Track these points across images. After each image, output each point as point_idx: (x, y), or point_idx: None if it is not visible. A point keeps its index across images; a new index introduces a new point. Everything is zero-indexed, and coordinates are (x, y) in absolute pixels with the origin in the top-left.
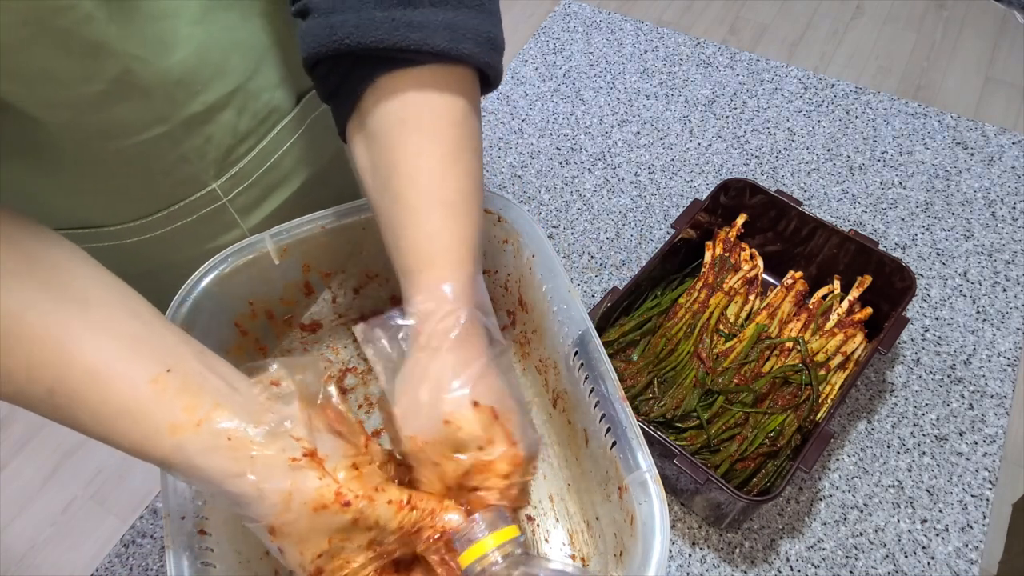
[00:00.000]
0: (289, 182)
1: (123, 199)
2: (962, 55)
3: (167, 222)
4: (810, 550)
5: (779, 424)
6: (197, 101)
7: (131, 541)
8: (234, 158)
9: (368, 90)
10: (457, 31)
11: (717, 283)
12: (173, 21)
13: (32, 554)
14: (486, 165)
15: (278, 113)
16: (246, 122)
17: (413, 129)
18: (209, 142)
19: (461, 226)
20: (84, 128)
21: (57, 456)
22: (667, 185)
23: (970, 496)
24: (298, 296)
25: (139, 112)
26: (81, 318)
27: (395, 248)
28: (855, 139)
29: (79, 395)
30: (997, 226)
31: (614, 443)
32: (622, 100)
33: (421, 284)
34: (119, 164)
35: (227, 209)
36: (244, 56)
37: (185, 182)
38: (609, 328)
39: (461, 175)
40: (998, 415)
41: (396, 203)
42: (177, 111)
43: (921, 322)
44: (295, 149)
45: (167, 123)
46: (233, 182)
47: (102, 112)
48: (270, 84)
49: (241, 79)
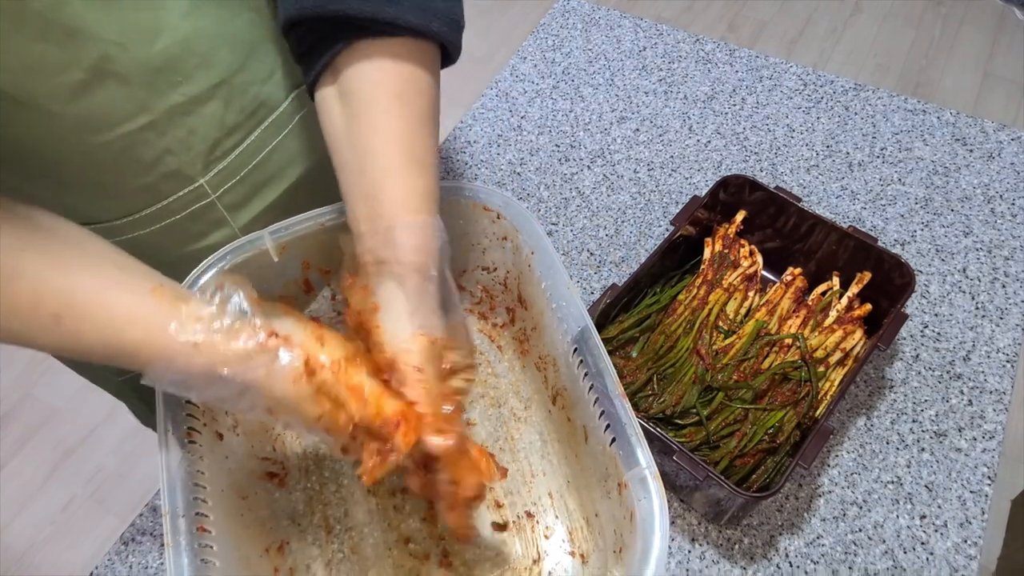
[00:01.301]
0: (279, 180)
1: (110, 195)
2: (961, 51)
3: (155, 219)
4: (809, 546)
5: (778, 420)
6: (179, 91)
7: (130, 539)
8: (220, 152)
9: (344, 52)
10: (428, 10)
11: (716, 280)
12: (158, 11)
13: (32, 553)
14: (485, 162)
15: (266, 108)
16: (233, 115)
17: (388, 93)
18: (194, 134)
19: (432, 181)
20: (67, 120)
21: (56, 455)
22: (666, 182)
23: (969, 492)
24: (297, 293)
25: (119, 101)
26: (78, 250)
27: (367, 198)
28: (854, 135)
29: (88, 313)
30: (996, 222)
31: (613, 439)
32: (621, 97)
33: (406, 222)
34: (105, 158)
35: (216, 206)
36: (232, 49)
37: (171, 176)
38: (608, 325)
39: (428, 138)
40: (997, 411)
41: (369, 158)
42: (159, 100)
43: (920, 318)
44: (286, 145)
45: (150, 113)
46: (221, 178)
47: (82, 101)
48: (258, 78)
49: (227, 72)
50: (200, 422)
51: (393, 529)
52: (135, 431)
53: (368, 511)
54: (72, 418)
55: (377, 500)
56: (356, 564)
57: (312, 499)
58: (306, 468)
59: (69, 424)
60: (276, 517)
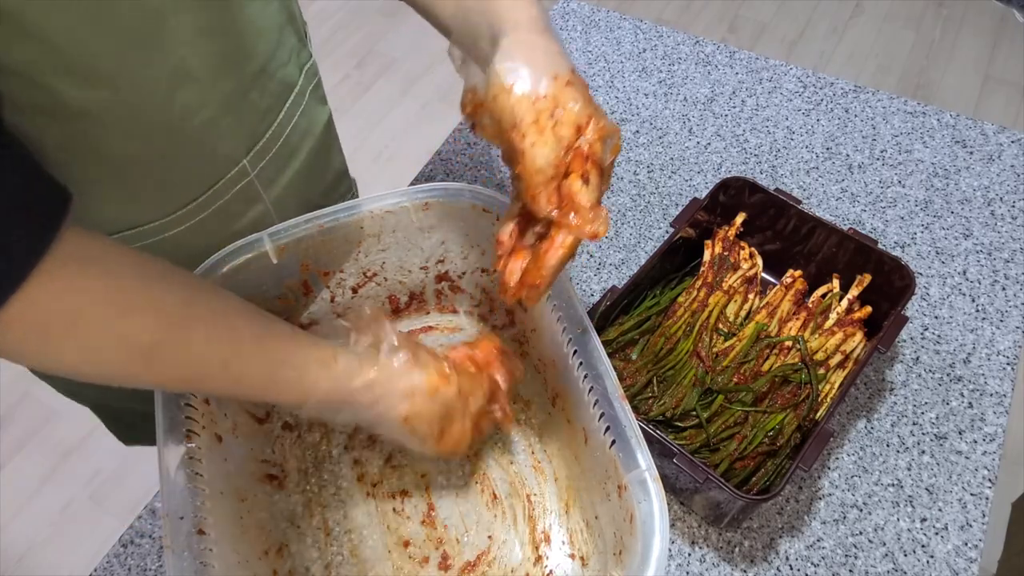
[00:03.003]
0: (299, 152)
1: (172, 189)
2: (961, 53)
3: (206, 206)
4: (809, 549)
5: (778, 423)
6: (232, 82)
7: (129, 541)
8: (258, 133)
9: None
10: None
11: (716, 282)
12: (223, 12)
13: (31, 554)
14: (485, 164)
15: (288, 87)
16: (267, 99)
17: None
18: (240, 121)
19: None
20: (154, 117)
21: (55, 456)
22: (666, 184)
23: (969, 495)
24: (296, 295)
25: (191, 96)
26: (229, 303)
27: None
28: (854, 138)
29: (251, 359)
30: (996, 224)
31: (613, 442)
32: (621, 99)
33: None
34: (176, 151)
35: (254, 184)
36: (267, 38)
37: (223, 162)
38: (608, 327)
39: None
40: (997, 414)
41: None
42: (217, 94)
43: (920, 321)
44: (301, 120)
45: (211, 106)
46: (257, 156)
47: (166, 99)
48: (282, 63)
49: (264, 60)
50: (199, 424)
51: (392, 531)
52: None
53: (367, 513)
54: (71, 419)
55: (376, 502)
56: (355, 566)
57: (311, 501)
58: (305, 471)
59: (68, 425)
60: (275, 519)
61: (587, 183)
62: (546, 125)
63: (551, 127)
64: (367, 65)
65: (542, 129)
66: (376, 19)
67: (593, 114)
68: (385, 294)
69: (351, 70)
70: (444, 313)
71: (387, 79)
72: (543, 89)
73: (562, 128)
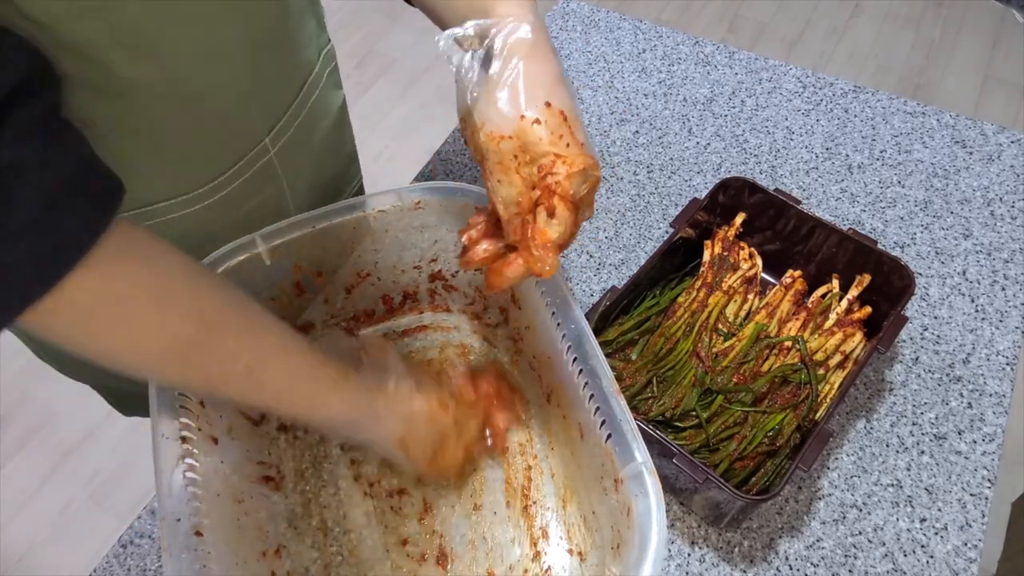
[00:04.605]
0: (314, 132)
1: (199, 164)
2: (961, 54)
3: (229, 182)
4: (809, 549)
5: (778, 423)
6: (266, 62)
7: (129, 541)
8: (279, 113)
9: None
10: None
11: (716, 282)
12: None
13: (31, 554)
14: None
15: (307, 69)
16: (288, 80)
17: None
18: (266, 100)
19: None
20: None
21: (55, 457)
22: (666, 184)
23: (969, 495)
24: (290, 297)
25: (225, 73)
26: (259, 314)
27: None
28: (854, 138)
29: (273, 369)
30: (996, 225)
31: (609, 436)
32: (620, 99)
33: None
34: (205, 125)
35: (273, 162)
36: (291, 20)
37: (248, 137)
38: (608, 327)
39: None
40: (997, 414)
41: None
42: (251, 73)
43: (920, 321)
44: (317, 101)
45: (241, 83)
46: (278, 135)
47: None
48: (303, 44)
49: (290, 43)
50: (194, 426)
51: (391, 531)
52: (134, 432)
53: (366, 513)
54: (71, 419)
55: (375, 502)
56: (354, 567)
57: (309, 502)
58: (302, 471)
59: (68, 425)
60: (273, 520)
61: (552, 216)
62: (510, 166)
63: (514, 168)
64: (367, 65)
65: (506, 169)
66: (376, 19)
67: (559, 154)
68: (379, 294)
69: (351, 70)
70: (438, 312)
71: (387, 79)
72: (508, 130)
73: (525, 168)
